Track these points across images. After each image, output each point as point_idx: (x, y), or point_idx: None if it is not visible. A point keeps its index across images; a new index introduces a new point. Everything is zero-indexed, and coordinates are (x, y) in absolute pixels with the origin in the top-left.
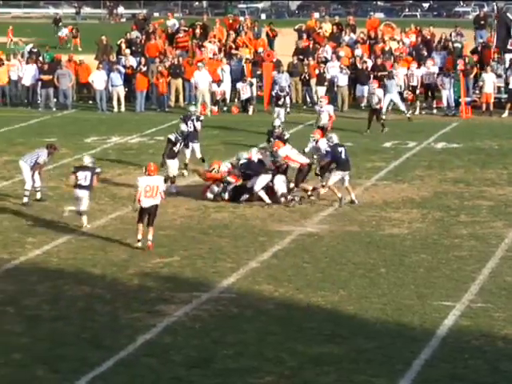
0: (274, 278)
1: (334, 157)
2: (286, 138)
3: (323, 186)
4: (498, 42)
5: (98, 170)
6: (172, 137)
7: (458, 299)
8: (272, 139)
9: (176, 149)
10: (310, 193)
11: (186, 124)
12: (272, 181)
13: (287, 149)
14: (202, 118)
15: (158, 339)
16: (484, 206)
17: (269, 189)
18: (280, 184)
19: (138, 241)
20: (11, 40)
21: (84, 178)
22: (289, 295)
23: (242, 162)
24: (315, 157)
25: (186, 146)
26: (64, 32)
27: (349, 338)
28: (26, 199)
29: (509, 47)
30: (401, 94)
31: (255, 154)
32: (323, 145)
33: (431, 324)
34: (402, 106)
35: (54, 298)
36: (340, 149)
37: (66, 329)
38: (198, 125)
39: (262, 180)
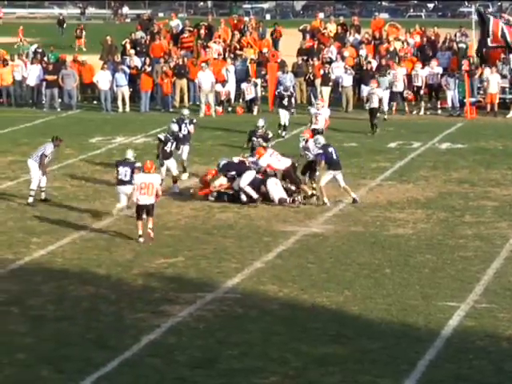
0: (279, 278)
1: (327, 157)
2: (269, 137)
3: (314, 189)
4: (481, 42)
5: (137, 164)
6: (162, 136)
7: (462, 300)
8: (254, 139)
9: (168, 148)
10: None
11: (180, 127)
12: (265, 185)
13: (267, 156)
14: (194, 120)
15: (162, 339)
16: (489, 207)
17: (263, 194)
18: (273, 188)
19: (140, 236)
20: (21, 40)
21: (124, 173)
22: (293, 295)
23: (221, 164)
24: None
25: (177, 148)
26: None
27: (353, 339)
28: (31, 199)
29: (490, 45)
30: (401, 93)
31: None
32: (312, 145)
33: (436, 324)
34: (386, 106)
35: (58, 298)
36: (330, 149)
37: (71, 329)
38: (192, 128)
39: (247, 176)
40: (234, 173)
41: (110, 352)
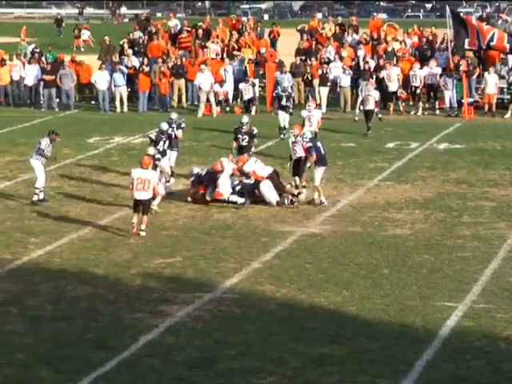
0: (277, 278)
1: (317, 151)
2: (254, 133)
3: (304, 187)
4: (457, 42)
5: (157, 156)
6: (153, 136)
7: (460, 300)
8: (240, 136)
9: (160, 147)
10: (293, 198)
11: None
12: (258, 189)
13: (252, 163)
14: (183, 125)
15: (160, 339)
16: (487, 207)
17: (258, 199)
18: (267, 192)
19: (133, 223)
20: (24, 39)
21: None
22: (291, 296)
23: (192, 178)
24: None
25: (170, 146)
26: (86, 34)
27: (352, 339)
28: (35, 197)
29: (466, 47)
30: (394, 93)
31: (227, 164)
32: (300, 140)
33: (434, 325)
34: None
35: (56, 299)
36: (318, 143)
37: (69, 329)
38: (179, 132)
39: (223, 184)
40: (207, 182)
41: (108, 352)
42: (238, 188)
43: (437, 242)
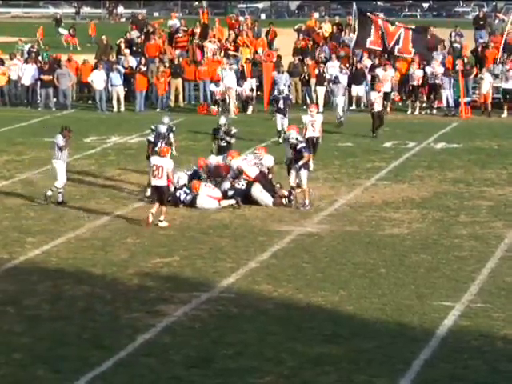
0: (274, 277)
1: (309, 152)
2: (232, 132)
3: (293, 189)
4: (359, 41)
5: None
6: (151, 138)
7: (457, 299)
8: (217, 136)
9: (158, 149)
10: (286, 199)
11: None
12: (250, 195)
13: (240, 160)
14: (174, 128)
15: (157, 339)
16: (484, 206)
17: (252, 203)
18: (260, 195)
19: (152, 213)
20: (40, 40)
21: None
22: (288, 295)
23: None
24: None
25: (168, 144)
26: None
27: (349, 338)
28: (60, 197)
29: (368, 46)
30: (387, 94)
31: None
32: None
33: (431, 324)
34: (341, 111)
35: (54, 298)
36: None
37: (67, 329)
38: (171, 136)
39: (205, 200)
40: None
41: (106, 351)
42: (230, 193)
43: (434, 242)
